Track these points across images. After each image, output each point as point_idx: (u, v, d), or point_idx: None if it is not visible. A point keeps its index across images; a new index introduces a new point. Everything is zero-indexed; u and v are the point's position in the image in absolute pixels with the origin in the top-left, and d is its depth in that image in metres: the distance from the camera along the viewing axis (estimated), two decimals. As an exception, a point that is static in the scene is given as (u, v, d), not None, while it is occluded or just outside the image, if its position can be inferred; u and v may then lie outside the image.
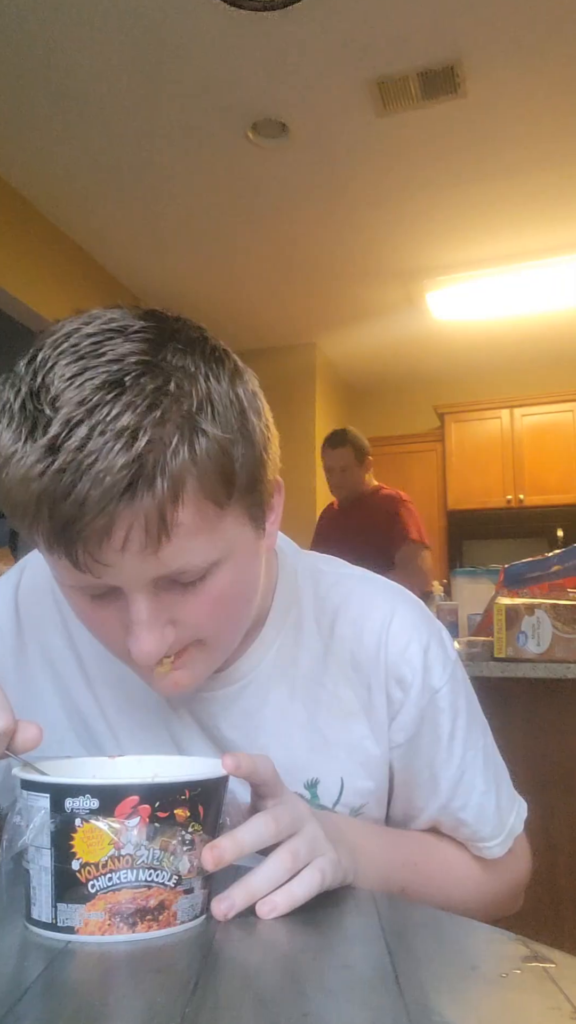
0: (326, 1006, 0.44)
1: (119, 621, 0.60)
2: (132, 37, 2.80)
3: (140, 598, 0.58)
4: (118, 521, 0.53)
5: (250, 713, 0.71)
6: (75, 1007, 0.44)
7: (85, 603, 0.61)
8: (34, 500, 0.53)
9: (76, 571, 0.56)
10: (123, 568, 0.56)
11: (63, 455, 0.52)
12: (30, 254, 3.89)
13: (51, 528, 0.54)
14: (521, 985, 0.48)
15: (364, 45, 2.84)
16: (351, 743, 0.71)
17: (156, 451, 0.53)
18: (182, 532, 0.56)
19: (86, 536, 0.53)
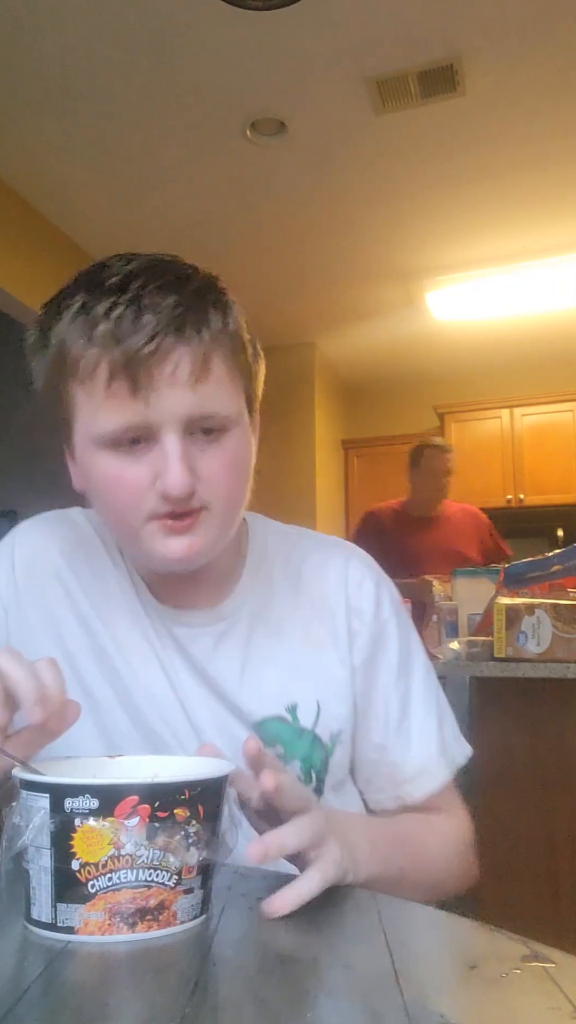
0: (326, 1006, 0.44)
1: (148, 473, 0.70)
2: (131, 36, 2.80)
3: (174, 437, 0.69)
4: (171, 353, 0.68)
5: (235, 649, 0.81)
6: (75, 1007, 0.44)
7: (113, 462, 0.71)
8: (102, 337, 0.67)
9: (131, 401, 0.68)
10: (169, 399, 0.68)
11: (128, 295, 0.68)
12: (27, 254, 3.89)
13: (119, 357, 0.67)
14: (521, 985, 0.48)
15: (363, 44, 2.84)
16: (322, 670, 0.82)
17: (200, 306, 0.70)
18: (214, 378, 0.70)
19: (148, 362, 0.67)
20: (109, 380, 0.68)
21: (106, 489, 0.73)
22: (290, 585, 0.85)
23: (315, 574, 0.86)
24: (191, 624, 0.81)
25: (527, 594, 1.92)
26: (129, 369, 0.67)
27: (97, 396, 0.70)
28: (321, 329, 5.34)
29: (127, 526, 0.74)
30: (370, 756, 0.84)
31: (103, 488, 0.74)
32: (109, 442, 0.71)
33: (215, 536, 0.75)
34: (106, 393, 0.69)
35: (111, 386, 0.68)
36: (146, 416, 0.69)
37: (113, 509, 0.74)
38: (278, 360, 5.77)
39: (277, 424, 5.47)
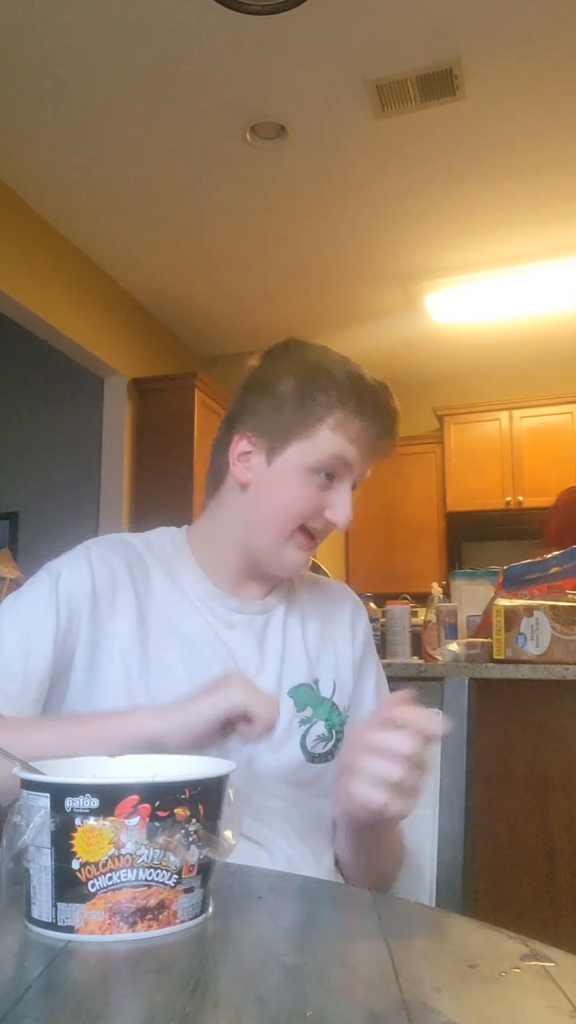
0: (326, 1005, 0.44)
1: (323, 501, 0.96)
2: (132, 41, 2.80)
3: (348, 488, 0.98)
4: (388, 439, 1.00)
5: (276, 631, 1.02)
6: (75, 1006, 0.44)
7: (310, 486, 0.96)
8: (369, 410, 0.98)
9: (354, 450, 0.96)
10: (368, 463, 0.99)
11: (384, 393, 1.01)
12: (28, 256, 3.89)
13: (375, 432, 0.98)
14: (520, 983, 0.48)
15: (362, 47, 2.85)
16: (337, 656, 1.05)
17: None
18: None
19: (383, 439, 0.99)
20: (360, 433, 0.97)
21: (291, 501, 0.96)
22: (310, 598, 1.08)
23: (328, 594, 1.11)
24: (246, 612, 1.01)
25: (526, 596, 1.93)
26: (370, 438, 0.98)
27: (338, 435, 0.96)
28: (321, 331, 5.34)
29: (280, 531, 0.96)
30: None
31: (287, 500, 0.96)
32: (315, 468, 0.96)
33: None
34: (347, 439, 0.96)
35: (356, 442, 0.97)
36: (351, 461, 0.97)
37: (281, 517, 0.96)
38: (277, 362, 5.79)
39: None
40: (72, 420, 5.33)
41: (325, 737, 0.98)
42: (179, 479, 4.68)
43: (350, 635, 1.08)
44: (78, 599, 0.94)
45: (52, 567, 0.97)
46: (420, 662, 2.12)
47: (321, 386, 0.96)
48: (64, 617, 0.93)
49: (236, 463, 0.98)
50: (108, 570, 0.97)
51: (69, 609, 0.93)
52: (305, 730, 0.97)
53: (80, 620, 0.93)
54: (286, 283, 4.68)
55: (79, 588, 0.94)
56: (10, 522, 5.52)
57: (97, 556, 0.98)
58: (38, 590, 0.95)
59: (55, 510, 5.28)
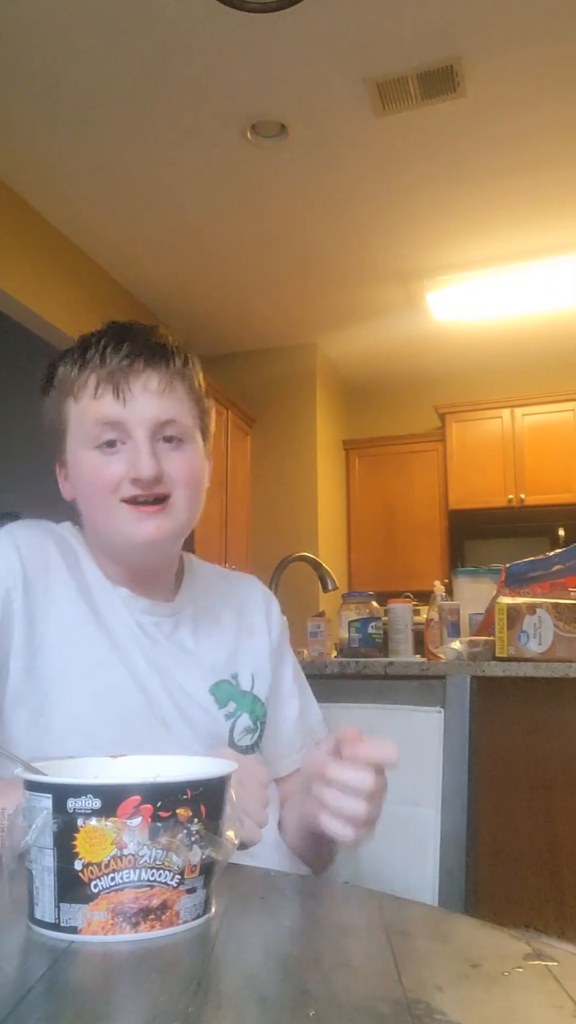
0: (329, 1005, 0.44)
1: (122, 466, 0.90)
2: (132, 39, 2.80)
3: (144, 434, 0.90)
4: (143, 371, 0.91)
5: (187, 631, 1.01)
6: (78, 1006, 0.44)
7: (96, 457, 0.91)
8: (91, 360, 0.91)
9: (112, 402, 0.89)
10: (142, 402, 0.90)
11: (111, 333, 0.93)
12: (29, 256, 3.89)
13: (104, 372, 0.90)
14: (523, 983, 0.48)
15: (363, 45, 2.85)
16: (253, 650, 1.05)
17: (166, 346, 0.94)
18: (177, 396, 0.93)
19: (127, 375, 0.90)
20: (96, 387, 0.90)
21: (89, 481, 0.92)
22: (220, 592, 1.08)
23: (240, 587, 1.12)
24: (154, 613, 0.99)
25: (528, 593, 1.92)
26: (113, 377, 0.90)
27: (84, 402, 0.91)
28: (322, 330, 5.35)
29: (105, 510, 0.92)
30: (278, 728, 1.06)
31: (86, 480, 0.92)
32: (91, 441, 0.91)
33: (178, 525, 0.94)
34: (92, 399, 0.90)
35: (97, 391, 0.90)
36: (122, 415, 0.90)
37: (94, 497, 0.92)
38: (279, 361, 5.81)
39: (278, 425, 5.47)
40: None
41: (251, 729, 1.00)
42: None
43: (265, 625, 1.09)
44: (8, 584, 0.91)
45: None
46: (422, 660, 2.12)
47: (51, 373, 0.96)
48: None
49: (61, 484, 0.98)
50: (38, 550, 0.95)
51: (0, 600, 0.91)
52: (231, 724, 0.98)
53: (12, 607, 0.91)
54: (287, 281, 4.67)
55: (9, 576, 0.92)
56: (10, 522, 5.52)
57: (23, 538, 0.96)
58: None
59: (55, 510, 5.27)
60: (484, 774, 1.01)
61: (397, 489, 5.89)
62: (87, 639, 0.93)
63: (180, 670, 0.97)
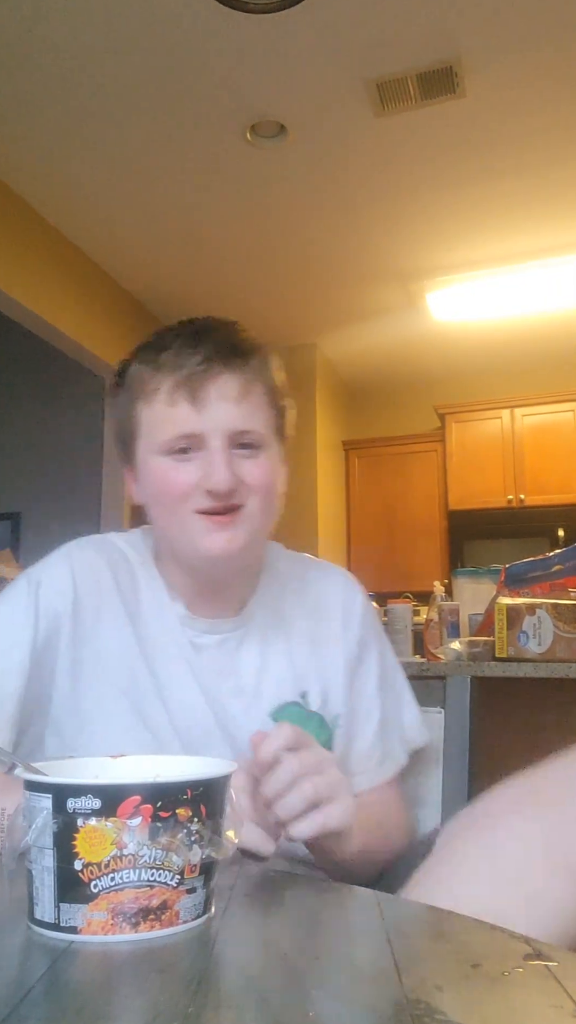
0: (328, 1005, 0.44)
1: (196, 475, 0.85)
2: (132, 39, 2.80)
3: (220, 444, 0.85)
4: (220, 376, 0.86)
5: (254, 647, 0.95)
6: (78, 1007, 0.44)
7: (169, 465, 0.86)
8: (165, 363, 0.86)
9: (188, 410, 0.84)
10: (219, 410, 0.85)
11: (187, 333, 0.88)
12: (28, 255, 3.89)
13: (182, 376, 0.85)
14: (523, 983, 0.48)
15: (362, 46, 2.85)
16: (325, 663, 0.97)
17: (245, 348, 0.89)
18: (254, 402, 0.88)
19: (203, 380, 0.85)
20: (172, 393, 0.86)
21: (162, 489, 0.88)
22: (296, 594, 1.00)
23: (318, 587, 1.02)
24: (219, 631, 0.94)
25: (528, 594, 1.92)
26: (190, 382, 0.85)
27: (159, 409, 0.86)
28: (322, 330, 5.35)
29: (177, 520, 0.88)
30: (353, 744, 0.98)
31: (159, 488, 0.88)
32: (165, 449, 0.86)
33: (250, 536, 0.89)
34: (167, 405, 0.86)
35: (172, 398, 0.86)
36: (198, 424, 0.85)
37: (167, 506, 0.88)
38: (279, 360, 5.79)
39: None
40: (73, 420, 5.33)
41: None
42: (181, 478, 4.68)
43: (341, 634, 1.00)
44: (59, 610, 0.89)
45: (32, 574, 0.93)
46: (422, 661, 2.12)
47: (123, 371, 0.92)
48: (43, 630, 0.88)
49: (130, 488, 0.95)
50: (91, 577, 0.92)
51: (48, 622, 0.89)
52: None
53: (60, 634, 0.89)
54: (287, 282, 4.67)
55: (60, 599, 0.90)
56: (12, 522, 5.52)
57: (79, 561, 0.93)
58: (16, 602, 0.90)
59: (57, 510, 5.27)
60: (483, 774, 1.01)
61: (397, 489, 5.89)
62: (128, 672, 0.89)
63: (236, 697, 0.91)
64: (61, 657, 0.88)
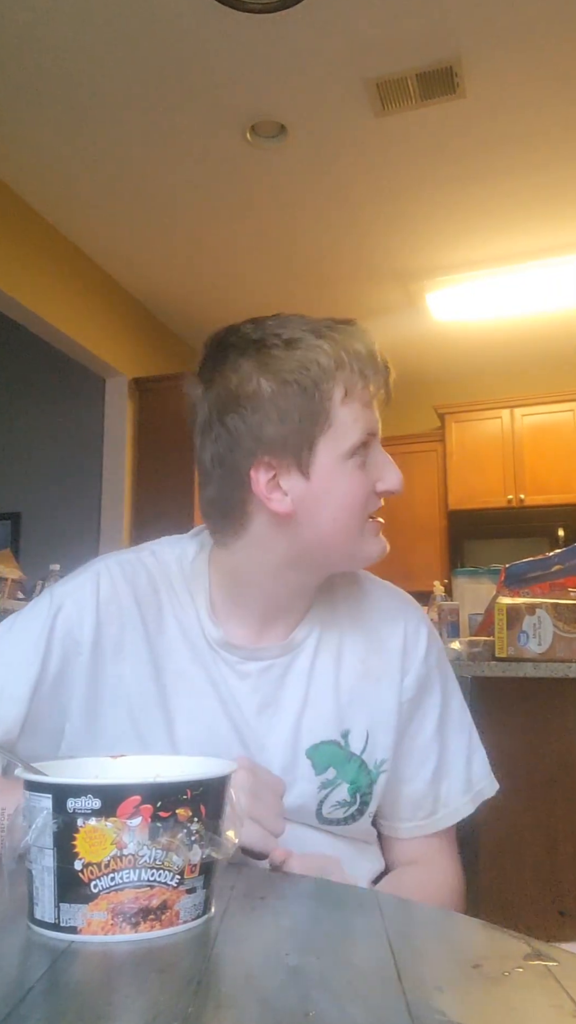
0: (328, 1005, 0.44)
1: (370, 479, 0.83)
2: (132, 39, 2.80)
3: (381, 449, 0.85)
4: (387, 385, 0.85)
5: (300, 677, 0.88)
6: (78, 1006, 0.44)
7: (358, 473, 0.82)
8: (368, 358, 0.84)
9: (372, 413, 0.83)
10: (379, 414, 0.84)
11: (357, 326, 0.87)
12: (28, 256, 3.89)
13: (385, 373, 0.84)
14: (523, 983, 0.48)
15: (362, 46, 2.84)
16: (375, 701, 0.89)
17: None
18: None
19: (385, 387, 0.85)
20: (375, 392, 0.84)
21: (352, 497, 0.83)
22: (352, 619, 0.92)
23: (377, 614, 0.94)
24: (261, 658, 0.87)
25: (528, 594, 1.92)
26: (388, 390, 0.84)
27: (358, 409, 0.82)
28: (321, 330, 5.34)
29: (353, 529, 0.83)
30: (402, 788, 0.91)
31: (350, 497, 0.83)
32: (353, 451, 0.82)
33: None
34: (364, 406, 0.83)
35: (376, 397, 0.84)
36: (376, 425, 0.84)
37: (354, 514, 0.83)
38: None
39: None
40: (74, 420, 5.33)
41: (346, 803, 0.86)
42: (181, 478, 4.68)
43: (399, 670, 0.91)
44: (76, 639, 0.85)
45: (57, 594, 0.87)
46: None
47: (306, 362, 0.81)
48: (57, 659, 0.84)
49: (269, 498, 0.81)
50: (116, 605, 0.86)
51: (65, 650, 0.84)
52: (324, 796, 0.85)
53: (76, 663, 0.84)
54: (287, 282, 4.67)
55: (79, 627, 0.85)
56: (12, 522, 5.52)
57: (106, 588, 0.87)
58: (33, 625, 0.85)
59: (57, 510, 5.28)
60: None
61: (397, 489, 5.88)
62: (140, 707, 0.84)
63: (272, 732, 0.85)
64: (77, 691, 0.84)
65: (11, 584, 2.61)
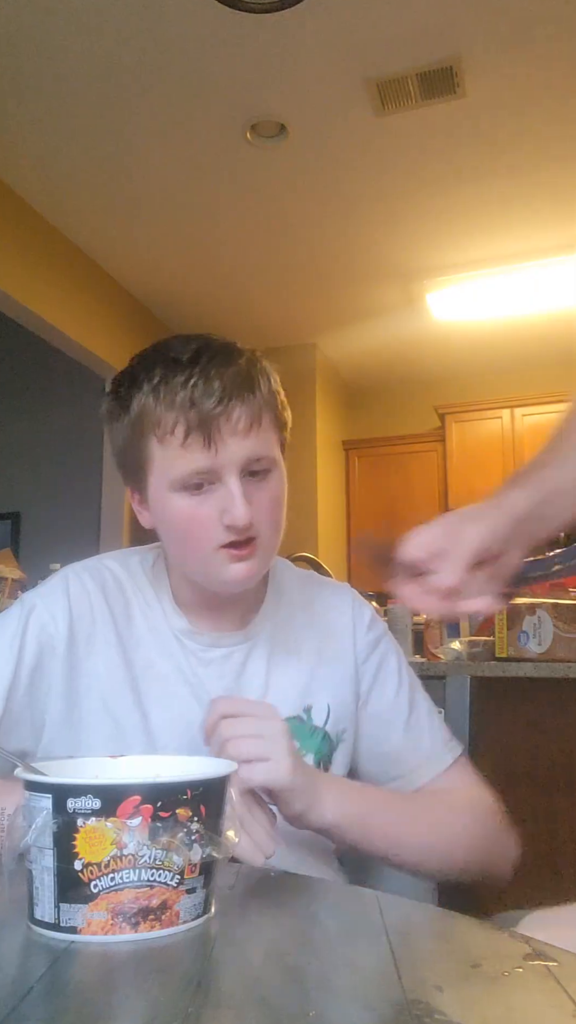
0: (328, 1005, 0.44)
1: (215, 510, 0.85)
2: (131, 39, 2.80)
3: (235, 479, 0.84)
4: (234, 412, 0.84)
5: (260, 662, 0.95)
6: (78, 1006, 0.44)
7: (187, 502, 0.85)
8: (180, 402, 0.83)
9: (202, 452, 0.83)
10: (232, 447, 0.84)
11: (199, 367, 0.84)
12: (27, 255, 3.89)
13: (195, 417, 0.83)
14: (523, 983, 0.48)
15: (363, 46, 2.85)
16: (332, 679, 0.97)
17: (252, 374, 0.87)
18: (264, 429, 0.86)
19: (218, 420, 0.83)
20: (185, 436, 0.84)
21: (181, 525, 0.87)
22: (304, 612, 1.00)
23: (326, 604, 1.02)
24: (223, 645, 0.94)
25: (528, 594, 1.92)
26: (204, 428, 0.83)
27: (172, 449, 0.84)
28: (322, 330, 5.35)
29: (198, 555, 0.87)
30: (383, 750, 0.97)
31: (179, 525, 0.87)
32: (180, 486, 0.85)
33: (266, 559, 0.90)
34: (180, 447, 0.84)
35: (186, 440, 0.84)
36: (213, 462, 0.84)
37: (187, 541, 0.88)
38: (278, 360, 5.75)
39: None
40: (73, 420, 5.33)
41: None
42: (181, 478, 4.68)
43: (351, 650, 0.99)
44: (51, 633, 0.89)
45: (27, 598, 0.93)
46: (422, 660, 2.12)
47: (126, 397, 0.87)
48: (32, 655, 0.88)
49: (139, 512, 0.92)
50: (87, 603, 0.92)
51: (38, 646, 0.89)
52: None
53: (53, 657, 0.89)
54: (287, 282, 4.67)
55: (53, 623, 0.90)
56: (12, 522, 5.52)
57: (76, 587, 0.93)
58: (6, 625, 0.90)
59: (57, 510, 5.28)
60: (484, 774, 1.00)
61: (397, 489, 5.89)
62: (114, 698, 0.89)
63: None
64: (55, 686, 0.89)
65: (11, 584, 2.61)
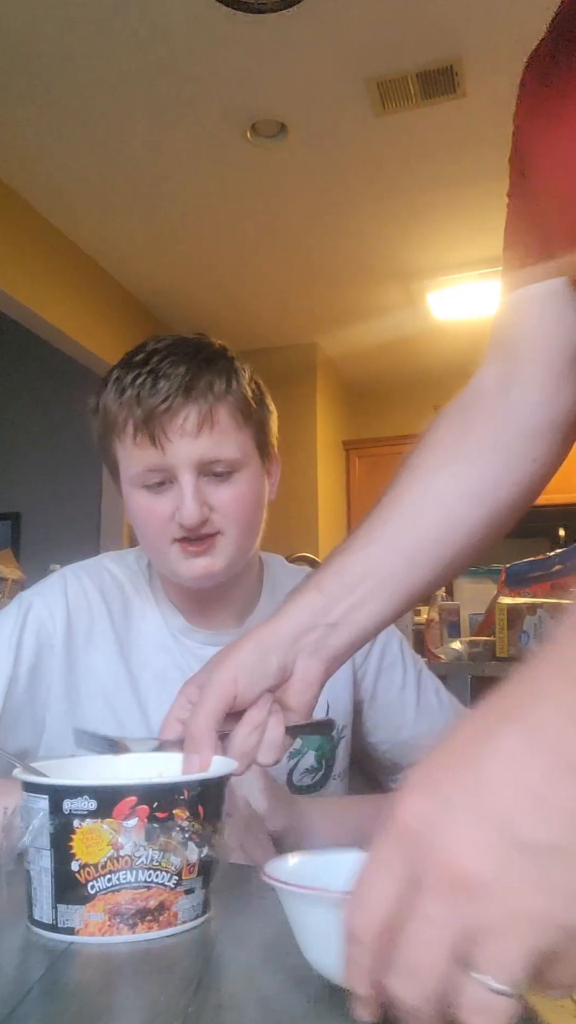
0: (328, 1004, 0.44)
1: (170, 506, 0.87)
2: (132, 38, 2.80)
3: (188, 478, 0.86)
4: (180, 411, 0.85)
5: None
6: (77, 1007, 0.44)
7: (145, 498, 0.88)
8: (127, 401, 0.86)
9: (151, 449, 0.85)
10: (180, 447, 0.85)
11: (148, 367, 0.87)
12: (28, 254, 3.89)
13: (140, 416, 0.85)
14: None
15: (363, 45, 2.84)
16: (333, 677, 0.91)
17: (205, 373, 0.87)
18: (219, 429, 0.87)
19: (162, 418, 0.84)
20: (134, 434, 0.87)
21: (141, 520, 0.90)
22: None
23: None
24: (220, 642, 0.93)
25: (528, 594, 1.92)
26: (149, 427, 0.85)
27: (128, 447, 0.88)
28: (323, 329, 5.34)
29: (157, 549, 0.90)
30: (402, 738, 0.98)
31: (138, 519, 0.90)
32: (139, 482, 0.88)
33: (230, 558, 0.90)
34: (133, 444, 0.87)
35: (136, 438, 0.86)
36: (163, 461, 0.86)
37: (146, 535, 0.91)
38: (280, 360, 5.79)
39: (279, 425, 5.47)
40: (73, 420, 5.31)
41: (314, 769, 0.94)
42: (181, 478, 4.68)
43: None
44: (49, 632, 0.91)
45: (25, 596, 0.95)
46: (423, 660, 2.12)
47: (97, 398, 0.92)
48: (30, 652, 0.90)
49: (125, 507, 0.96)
50: (84, 602, 0.94)
51: (38, 643, 0.90)
52: (293, 765, 0.92)
53: (51, 656, 0.90)
54: (287, 281, 4.67)
55: (51, 621, 0.91)
56: (12, 523, 5.52)
57: (73, 586, 0.95)
58: (3, 623, 0.92)
59: (57, 510, 5.28)
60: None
61: (397, 489, 5.88)
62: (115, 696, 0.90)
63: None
64: (54, 680, 0.90)
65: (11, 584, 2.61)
